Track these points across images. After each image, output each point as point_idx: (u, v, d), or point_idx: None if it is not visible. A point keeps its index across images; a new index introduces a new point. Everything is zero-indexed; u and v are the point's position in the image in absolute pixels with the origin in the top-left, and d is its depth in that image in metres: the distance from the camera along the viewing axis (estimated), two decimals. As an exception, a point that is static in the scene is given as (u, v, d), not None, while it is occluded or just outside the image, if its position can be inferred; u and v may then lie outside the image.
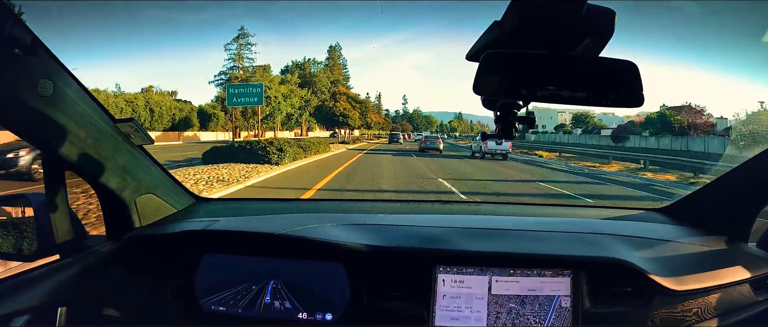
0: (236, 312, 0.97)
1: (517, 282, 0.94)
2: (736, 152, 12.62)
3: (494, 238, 1.03)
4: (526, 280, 0.94)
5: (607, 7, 0.59)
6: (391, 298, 0.96)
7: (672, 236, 1.10)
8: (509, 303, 0.94)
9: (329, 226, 1.08)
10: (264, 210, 1.38)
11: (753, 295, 0.99)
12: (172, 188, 1.18)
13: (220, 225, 1.06)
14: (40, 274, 0.88)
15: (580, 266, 0.95)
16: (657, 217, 1.29)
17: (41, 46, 0.73)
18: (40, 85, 0.74)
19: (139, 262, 1.00)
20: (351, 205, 1.46)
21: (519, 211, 1.51)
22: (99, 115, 0.89)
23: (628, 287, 0.95)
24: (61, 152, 0.83)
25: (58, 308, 0.88)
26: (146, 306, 0.99)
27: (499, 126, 0.71)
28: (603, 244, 1.02)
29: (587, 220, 1.27)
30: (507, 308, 0.94)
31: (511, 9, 0.59)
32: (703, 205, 1.21)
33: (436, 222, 1.15)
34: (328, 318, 0.96)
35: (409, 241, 1.01)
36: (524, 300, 0.94)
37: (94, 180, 0.94)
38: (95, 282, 0.96)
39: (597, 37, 0.61)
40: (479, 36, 0.65)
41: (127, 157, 0.98)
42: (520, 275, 0.95)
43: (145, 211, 1.06)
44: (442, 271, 0.95)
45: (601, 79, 0.60)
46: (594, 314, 0.94)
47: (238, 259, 1.00)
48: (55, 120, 0.79)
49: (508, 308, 0.94)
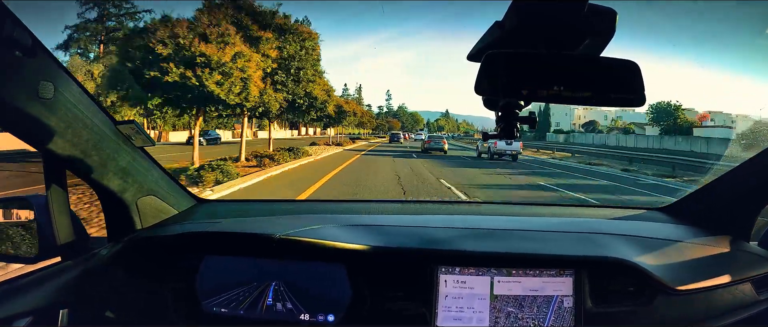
0: (238, 314, 0.97)
1: (519, 282, 0.94)
2: (738, 151, 12.43)
3: (496, 239, 1.03)
4: (528, 280, 0.94)
5: (608, 7, 0.59)
6: (393, 298, 0.96)
7: (674, 236, 1.10)
8: (511, 303, 0.94)
9: (330, 226, 1.08)
10: (265, 211, 1.38)
11: (755, 295, 0.99)
12: (173, 190, 1.18)
13: (221, 226, 1.06)
14: (42, 277, 0.88)
15: (582, 266, 0.95)
16: (659, 216, 1.28)
17: (41, 47, 0.73)
18: (41, 87, 0.74)
19: (140, 264, 1.00)
20: (352, 206, 1.45)
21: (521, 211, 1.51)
22: (100, 117, 0.89)
23: (630, 287, 0.95)
24: (62, 154, 0.83)
25: (59, 310, 0.88)
26: (148, 308, 0.99)
27: (500, 126, 0.71)
28: (605, 243, 1.02)
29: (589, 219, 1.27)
30: (509, 308, 0.94)
31: (512, 9, 0.59)
32: (704, 205, 1.21)
33: (438, 222, 1.15)
34: (330, 319, 0.96)
35: (410, 241, 1.00)
36: (526, 300, 0.94)
37: (95, 182, 0.94)
38: (97, 284, 0.96)
39: (598, 37, 0.61)
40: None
41: (127, 159, 0.98)
42: (522, 275, 0.94)
43: (146, 212, 1.06)
44: (444, 272, 0.95)
45: (603, 79, 0.60)
46: (596, 314, 0.94)
47: (240, 260, 1.00)
48: (56, 122, 0.79)
49: (510, 308, 0.94)
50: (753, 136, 3.99)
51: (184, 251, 1.01)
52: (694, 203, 1.26)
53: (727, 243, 1.07)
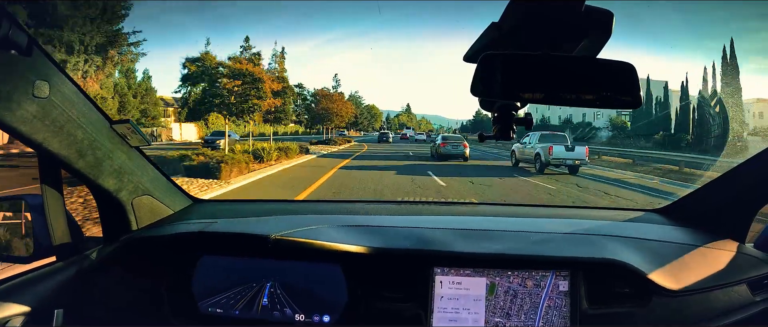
0: (233, 314, 0.97)
1: (515, 283, 0.94)
2: (732, 154, 12.02)
3: (492, 240, 1.03)
4: (524, 282, 0.94)
5: (605, 8, 0.59)
6: (389, 299, 0.96)
7: (670, 237, 1.10)
8: (507, 304, 0.94)
9: (326, 227, 1.07)
10: (261, 211, 1.38)
11: (750, 296, 0.99)
12: (169, 190, 1.18)
13: (216, 227, 1.06)
14: (37, 277, 0.88)
15: (577, 267, 0.95)
16: (655, 217, 1.29)
17: (37, 46, 0.73)
18: (36, 87, 0.74)
19: (135, 264, 1.00)
20: (348, 207, 1.45)
21: (517, 212, 1.51)
22: (95, 117, 0.88)
23: (626, 288, 0.95)
24: (58, 154, 0.83)
25: (54, 310, 0.87)
26: (143, 308, 0.99)
27: (496, 127, 0.71)
28: (601, 245, 1.02)
29: (585, 221, 1.27)
30: (505, 310, 0.94)
31: (509, 10, 0.59)
32: (700, 206, 1.21)
33: (434, 223, 1.15)
34: (325, 320, 0.96)
35: (406, 242, 1.00)
36: (522, 301, 0.94)
37: (91, 182, 0.93)
38: (92, 284, 0.95)
39: (595, 38, 0.61)
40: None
41: (123, 159, 0.97)
42: (518, 276, 0.94)
43: (141, 212, 1.06)
44: (440, 273, 0.95)
45: (599, 81, 0.60)
46: (592, 315, 0.94)
47: (235, 261, 1.00)
48: (51, 121, 0.79)
49: (506, 309, 0.94)
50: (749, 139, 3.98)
51: (180, 251, 1.01)
52: (690, 205, 1.27)
53: (723, 245, 1.07)
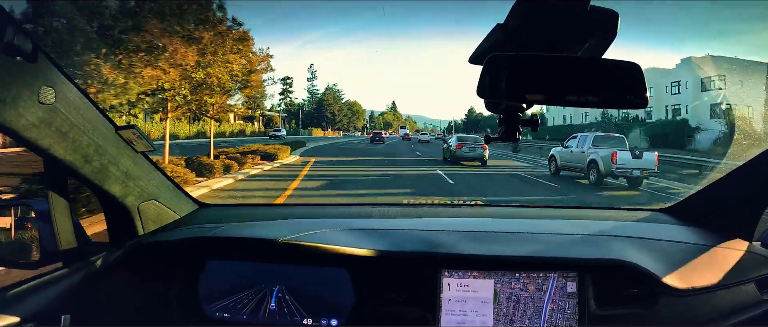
0: (240, 318, 0.97)
1: (523, 285, 0.94)
2: (739, 151, 12.03)
3: (499, 242, 1.02)
4: (532, 283, 0.94)
5: (610, 9, 0.58)
6: (397, 302, 0.96)
7: (677, 237, 1.09)
8: (515, 306, 0.93)
9: (333, 231, 1.07)
10: (267, 215, 1.38)
11: (758, 295, 0.98)
12: (175, 194, 1.18)
13: (223, 231, 1.06)
14: (44, 282, 0.88)
15: (585, 268, 0.94)
16: (662, 217, 1.28)
17: (42, 52, 0.73)
18: (41, 93, 0.74)
19: (142, 269, 1.00)
20: (354, 210, 1.45)
21: (524, 213, 1.50)
22: (101, 122, 0.89)
23: (634, 288, 0.95)
24: (63, 160, 0.83)
25: (62, 316, 0.87)
26: (150, 313, 0.99)
27: (502, 128, 0.71)
28: (608, 245, 1.01)
29: (592, 221, 1.26)
30: (512, 311, 0.93)
31: (514, 10, 0.59)
32: (707, 205, 1.20)
33: (441, 226, 1.14)
34: (333, 323, 0.95)
35: (413, 245, 1.00)
36: (530, 303, 0.93)
37: (97, 187, 0.94)
38: (99, 289, 0.95)
39: (600, 39, 0.60)
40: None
41: (129, 164, 0.97)
42: (526, 278, 0.94)
43: (147, 217, 1.06)
44: (448, 275, 0.94)
45: (605, 81, 0.59)
46: (600, 316, 0.93)
47: (242, 265, 1.00)
48: (57, 128, 0.79)
49: (514, 311, 0.93)
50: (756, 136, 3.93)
51: (187, 256, 1.01)
52: (697, 204, 1.26)
53: (731, 244, 1.06)
